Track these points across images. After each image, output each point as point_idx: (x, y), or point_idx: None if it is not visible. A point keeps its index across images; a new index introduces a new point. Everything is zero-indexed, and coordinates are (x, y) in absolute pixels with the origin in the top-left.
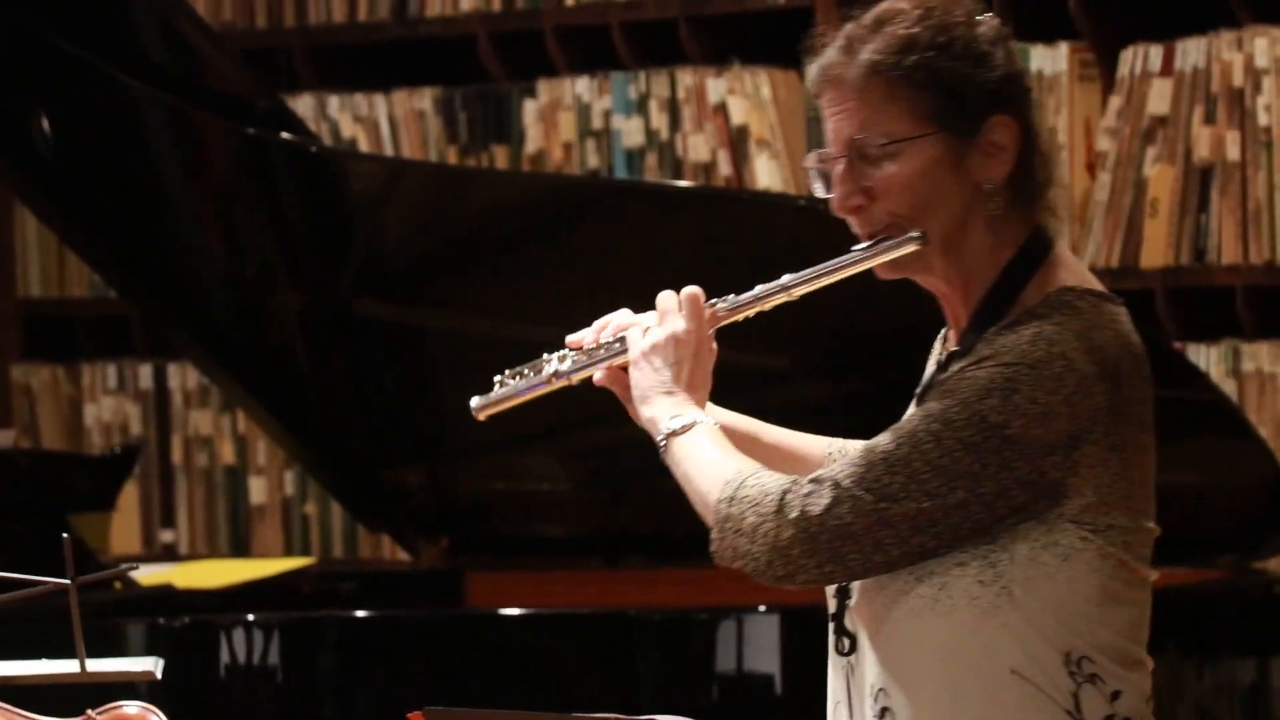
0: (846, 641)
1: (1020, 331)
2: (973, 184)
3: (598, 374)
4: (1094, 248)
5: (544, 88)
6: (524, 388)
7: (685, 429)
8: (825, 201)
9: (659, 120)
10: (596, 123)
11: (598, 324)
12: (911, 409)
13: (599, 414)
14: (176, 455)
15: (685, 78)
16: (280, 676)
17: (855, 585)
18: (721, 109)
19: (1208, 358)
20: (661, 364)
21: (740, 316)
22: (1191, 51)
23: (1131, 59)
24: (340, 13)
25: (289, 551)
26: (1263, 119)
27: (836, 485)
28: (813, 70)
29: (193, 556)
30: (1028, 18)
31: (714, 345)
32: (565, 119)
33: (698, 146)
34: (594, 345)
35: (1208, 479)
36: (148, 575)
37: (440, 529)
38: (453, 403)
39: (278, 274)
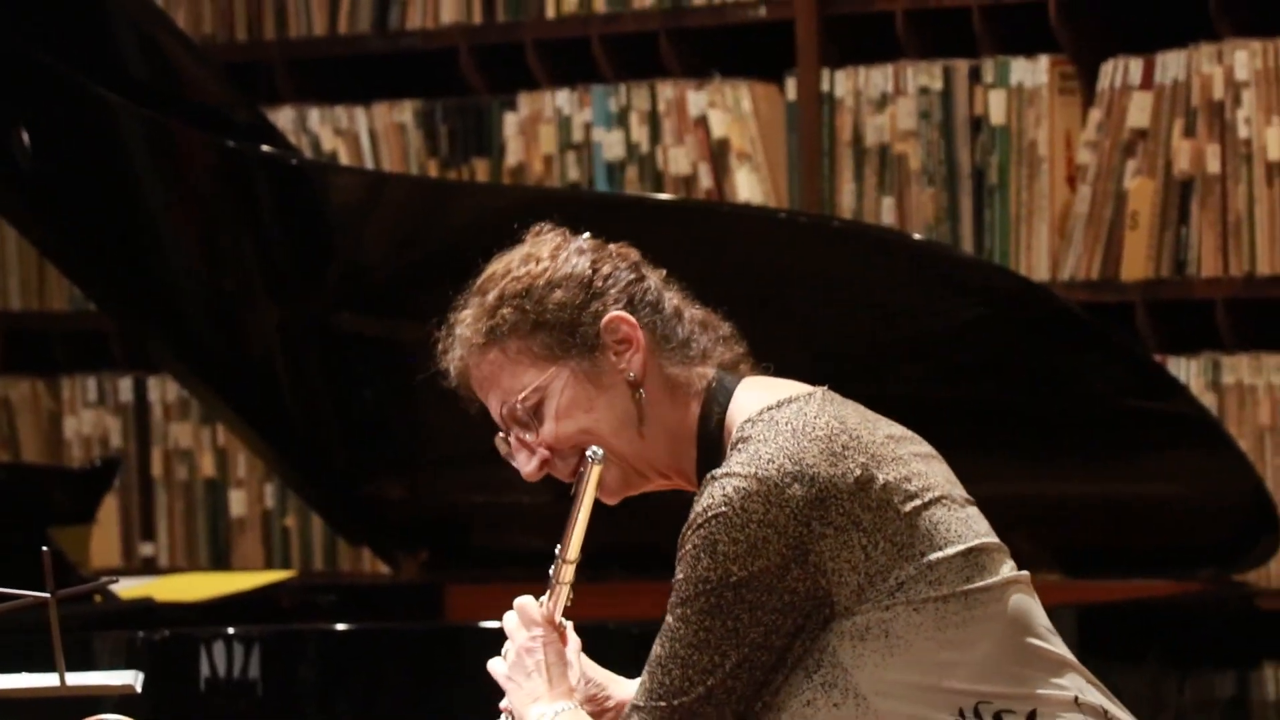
0: None
1: (701, 492)
2: (622, 384)
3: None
4: (1074, 260)
5: (524, 100)
6: None
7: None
8: (805, 213)
9: (640, 133)
10: (577, 135)
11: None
12: None
13: None
14: (156, 468)
15: (666, 91)
16: (260, 689)
17: None
18: (702, 122)
19: (1188, 370)
20: (523, 677)
21: (565, 599)
22: (1171, 64)
23: (1111, 72)
24: (321, 25)
25: (269, 564)
26: (1243, 132)
27: (637, 709)
28: (452, 376)
29: (173, 569)
30: (1008, 30)
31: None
32: (546, 132)
33: (678, 159)
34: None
35: (1188, 492)
36: (128, 588)
37: (420, 542)
38: (432, 416)
39: (257, 287)
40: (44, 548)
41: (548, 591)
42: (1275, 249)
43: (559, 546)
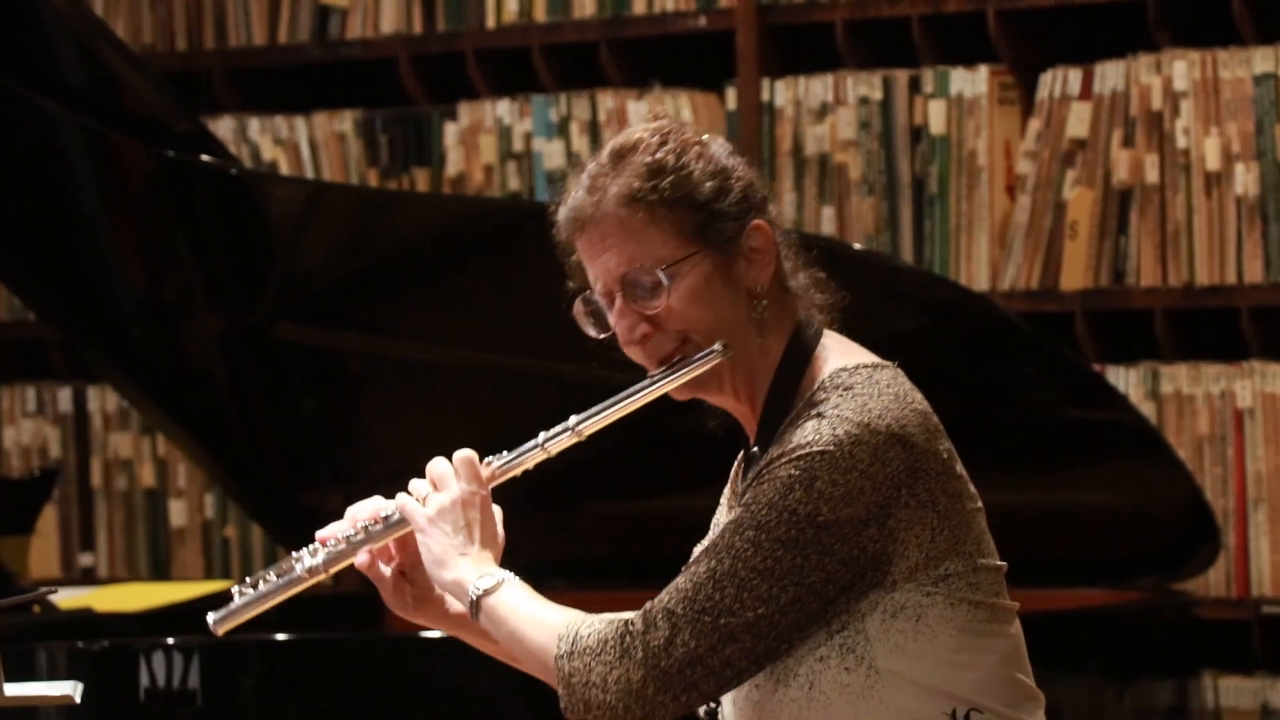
0: None
1: (803, 425)
2: (743, 292)
3: (360, 558)
4: (1014, 270)
5: (465, 110)
6: (271, 589)
7: (495, 587)
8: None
9: (580, 143)
10: (517, 145)
11: (350, 512)
12: (720, 519)
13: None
14: (96, 478)
15: (606, 100)
16: (200, 700)
17: (725, 701)
18: None
19: (1127, 380)
20: (451, 528)
21: (519, 470)
22: (1110, 75)
23: (1051, 82)
24: (260, 35)
25: (209, 574)
26: (1181, 142)
27: (671, 614)
28: (561, 218)
29: (112, 580)
30: (948, 41)
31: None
32: (486, 142)
33: None
34: (350, 533)
35: (1127, 501)
36: (67, 599)
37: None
38: (372, 425)
39: (197, 297)
40: None
41: (504, 454)
42: (1214, 259)
43: (574, 417)
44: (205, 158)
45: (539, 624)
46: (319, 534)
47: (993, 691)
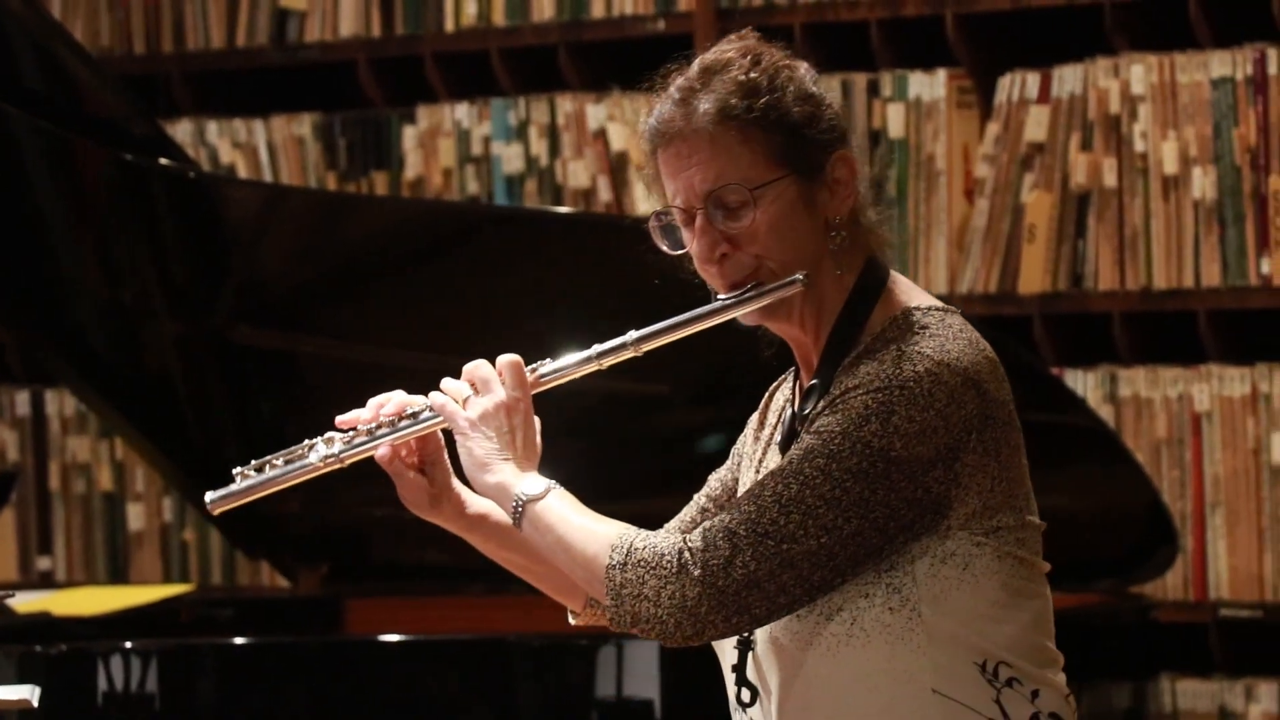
0: (748, 692)
1: (881, 357)
2: (822, 221)
3: (382, 450)
4: (972, 274)
5: (424, 114)
6: (280, 474)
7: (544, 493)
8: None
9: (539, 146)
10: (476, 149)
11: (374, 402)
12: (762, 452)
13: None
14: (54, 482)
15: (565, 104)
16: (158, 704)
17: (760, 634)
18: (601, 135)
19: (1085, 383)
20: (494, 432)
21: (565, 380)
22: (1068, 79)
23: (1009, 86)
24: (219, 38)
25: (167, 578)
26: (1139, 146)
27: (732, 534)
28: (647, 128)
29: (70, 583)
30: (906, 44)
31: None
32: (445, 145)
33: (577, 172)
34: (373, 424)
35: (1085, 504)
36: (24, 602)
37: (319, 555)
38: (330, 429)
39: (155, 301)
40: None
41: (547, 361)
42: (1171, 262)
43: (633, 332)
44: (163, 161)
45: (590, 533)
46: (339, 420)
47: (1022, 649)
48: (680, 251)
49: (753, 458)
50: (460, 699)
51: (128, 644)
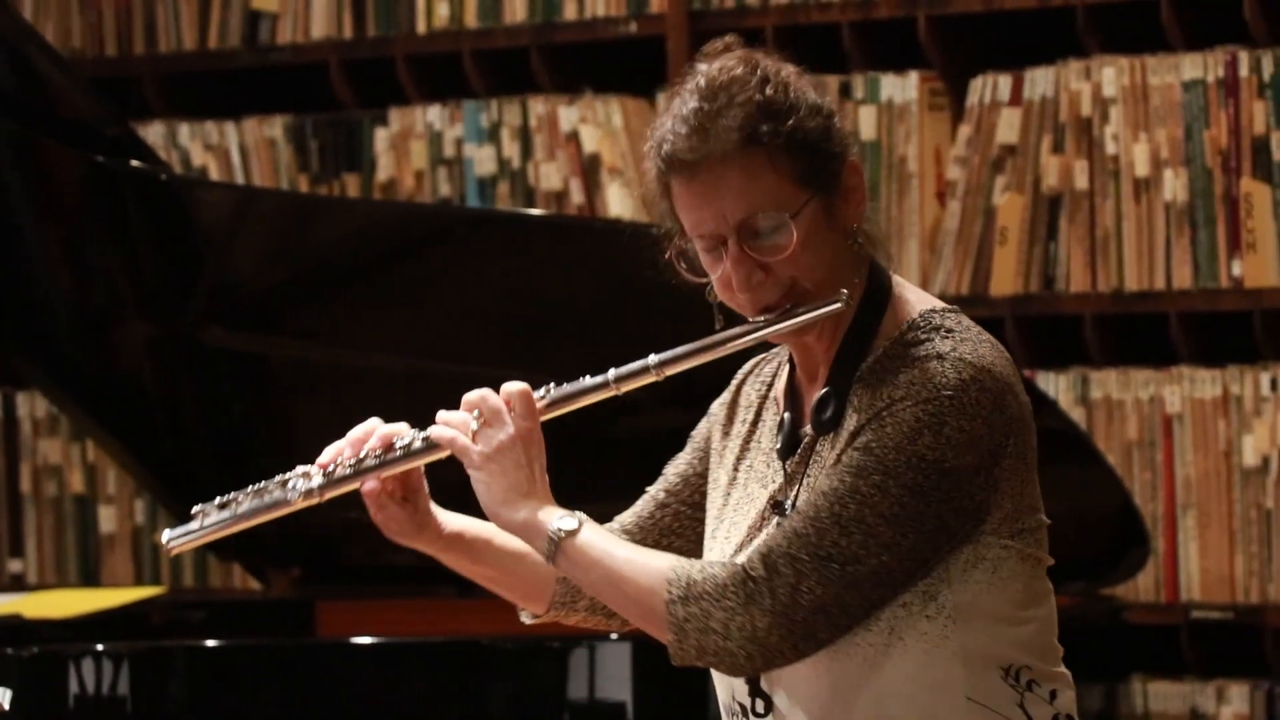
0: (762, 703)
1: (922, 365)
2: (841, 231)
3: (369, 484)
4: (944, 276)
5: (395, 116)
6: (250, 511)
7: (578, 529)
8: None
9: (511, 149)
10: (448, 151)
11: (354, 436)
12: (740, 449)
13: None
14: (25, 484)
15: (537, 106)
16: (130, 706)
17: None
18: (573, 137)
19: (1056, 385)
20: (513, 466)
21: (576, 407)
22: (1040, 81)
23: (981, 88)
24: (190, 40)
25: (139, 581)
26: (1110, 148)
27: (795, 560)
28: (662, 156)
29: (42, 586)
30: (877, 47)
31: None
32: (417, 147)
33: (550, 175)
34: (356, 459)
35: (1056, 506)
36: None
37: (291, 558)
38: (303, 431)
39: (127, 303)
40: None
41: (551, 386)
42: (1143, 265)
43: (654, 356)
44: (135, 163)
45: (637, 566)
46: (320, 461)
47: (1038, 649)
48: (704, 280)
49: (726, 456)
50: (432, 701)
51: (99, 646)
